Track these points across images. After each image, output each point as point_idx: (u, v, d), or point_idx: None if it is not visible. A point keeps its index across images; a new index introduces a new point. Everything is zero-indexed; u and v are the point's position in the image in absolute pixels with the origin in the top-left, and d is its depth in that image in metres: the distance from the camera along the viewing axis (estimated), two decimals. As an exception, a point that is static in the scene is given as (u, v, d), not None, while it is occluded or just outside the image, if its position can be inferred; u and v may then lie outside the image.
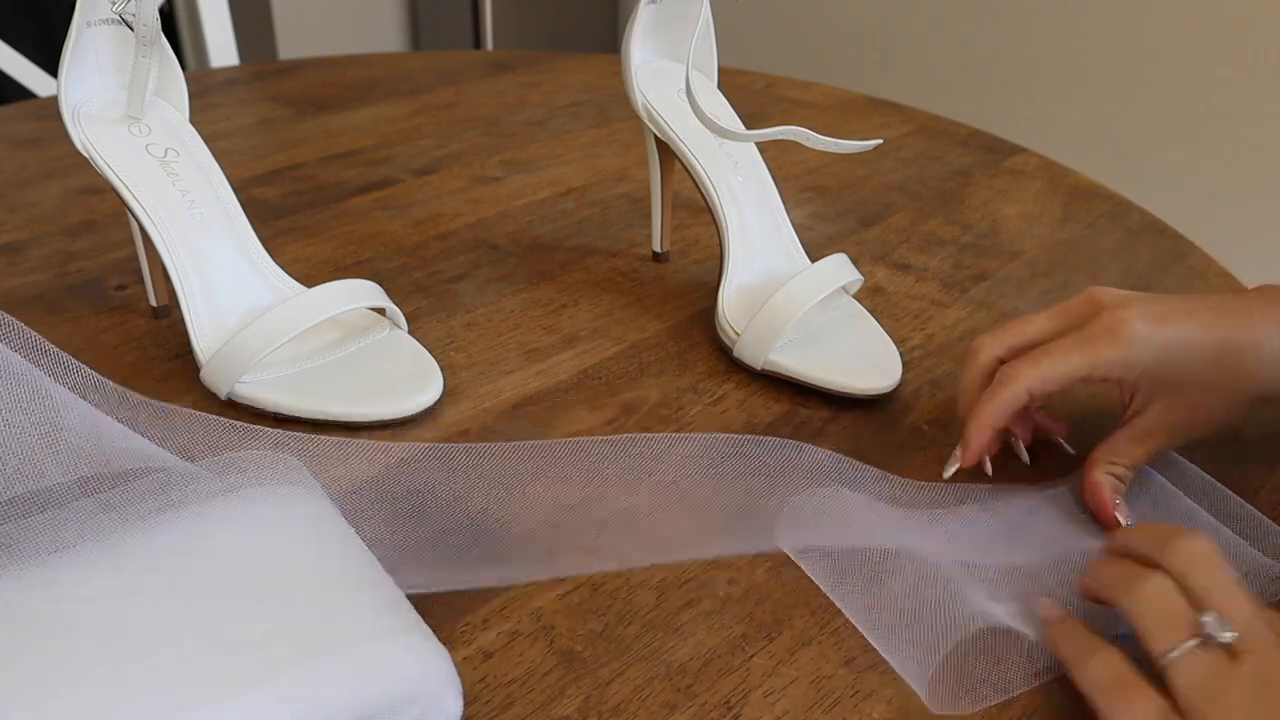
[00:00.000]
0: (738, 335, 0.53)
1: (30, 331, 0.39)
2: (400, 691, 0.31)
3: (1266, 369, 0.42)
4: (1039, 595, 0.39)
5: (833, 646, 0.38)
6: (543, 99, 0.96)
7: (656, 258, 0.66)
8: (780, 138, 0.49)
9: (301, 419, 0.48)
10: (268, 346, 0.47)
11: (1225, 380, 0.42)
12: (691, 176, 0.58)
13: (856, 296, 0.58)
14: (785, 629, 0.38)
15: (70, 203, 0.71)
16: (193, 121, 0.53)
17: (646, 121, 0.60)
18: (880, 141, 0.50)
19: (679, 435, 0.49)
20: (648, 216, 0.69)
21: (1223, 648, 0.32)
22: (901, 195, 0.77)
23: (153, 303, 0.57)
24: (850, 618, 0.39)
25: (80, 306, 0.58)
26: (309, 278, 0.54)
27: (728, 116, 0.60)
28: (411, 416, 0.48)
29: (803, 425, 0.50)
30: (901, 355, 0.53)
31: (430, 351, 0.52)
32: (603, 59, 1.08)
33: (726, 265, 0.56)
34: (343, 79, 1.00)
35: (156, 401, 0.45)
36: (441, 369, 0.51)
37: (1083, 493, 0.44)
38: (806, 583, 0.40)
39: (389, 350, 0.51)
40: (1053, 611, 0.37)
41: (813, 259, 0.56)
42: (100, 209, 0.70)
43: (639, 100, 0.59)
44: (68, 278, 0.62)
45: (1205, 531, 0.40)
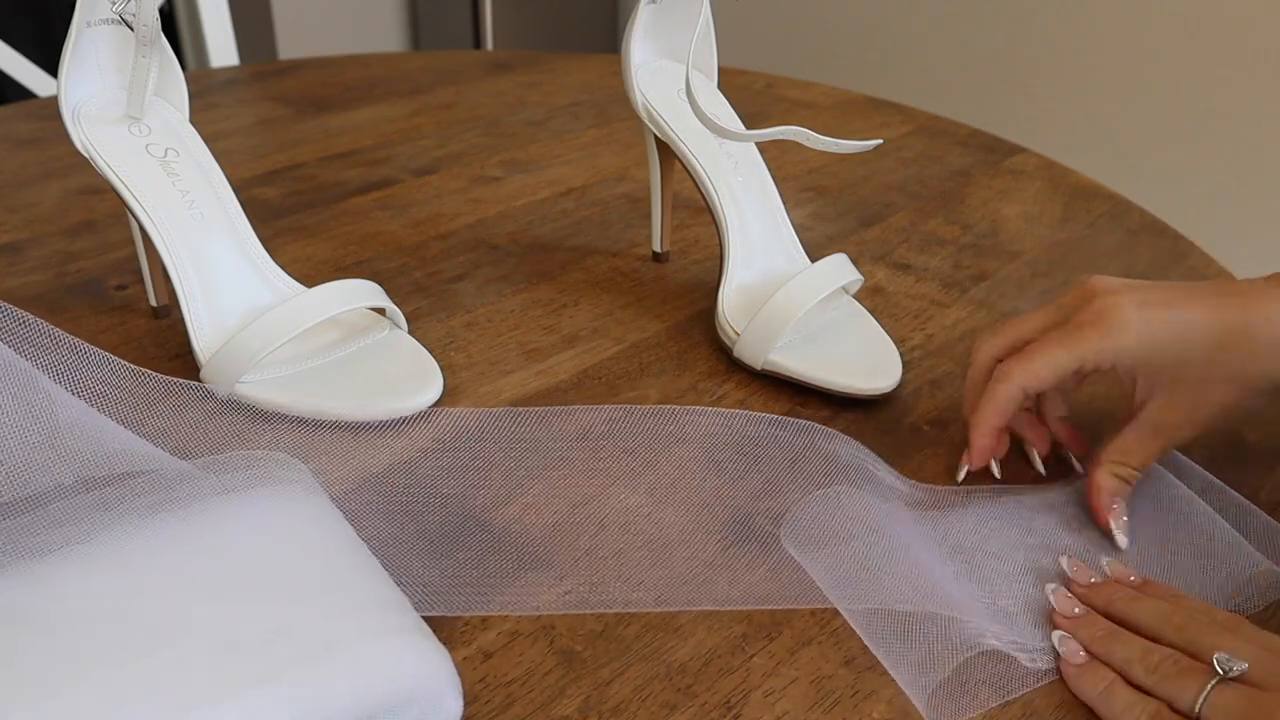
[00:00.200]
0: (738, 335, 0.53)
1: (38, 320, 0.40)
2: (400, 691, 0.31)
3: (1275, 353, 0.40)
4: (1057, 632, 0.38)
5: (833, 646, 0.38)
6: (543, 99, 0.96)
7: (656, 258, 0.66)
8: (780, 138, 0.49)
9: (302, 419, 0.48)
10: (268, 346, 0.47)
11: (1230, 366, 0.40)
12: (691, 176, 0.58)
13: (856, 296, 0.58)
14: (785, 629, 0.38)
15: (70, 203, 0.71)
16: (193, 121, 0.53)
17: (646, 121, 0.60)
18: (880, 141, 0.50)
19: (701, 409, 0.49)
20: (648, 216, 0.69)
21: (1239, 679, 0.33)
22: (901, 195, 0.77)
23: (153, 303, 0.57)
24: (850, 622, 0.39)
25: (80, 306, 0.58)
26: (309, 278, 0.54)
27: (728, 116, 0.60)
28: (411, 416, 0.48)
29: (803, 425, 0.50)
30: (901, 355, 0.53)
31: (430, 351, 0.52)
32: (603, 59, 1.08)
33: (726, 265, 0.56)
34: (343, 79, 1.00)
35: (166, 376, 0.46)
36: (441, 369, 0.51)
37: (1086, 491, 0.44)
38: (806, 583, 0.40)
39: (389, 350, 0.51)
40: (1076, 656, 0.36)
41: (813, 259, 0.56)
42: (100, 209, 0.70)
43: (639, 100, 0.59)
44: (68, 278, 0.62)
45: (1154, 587, 0.40)
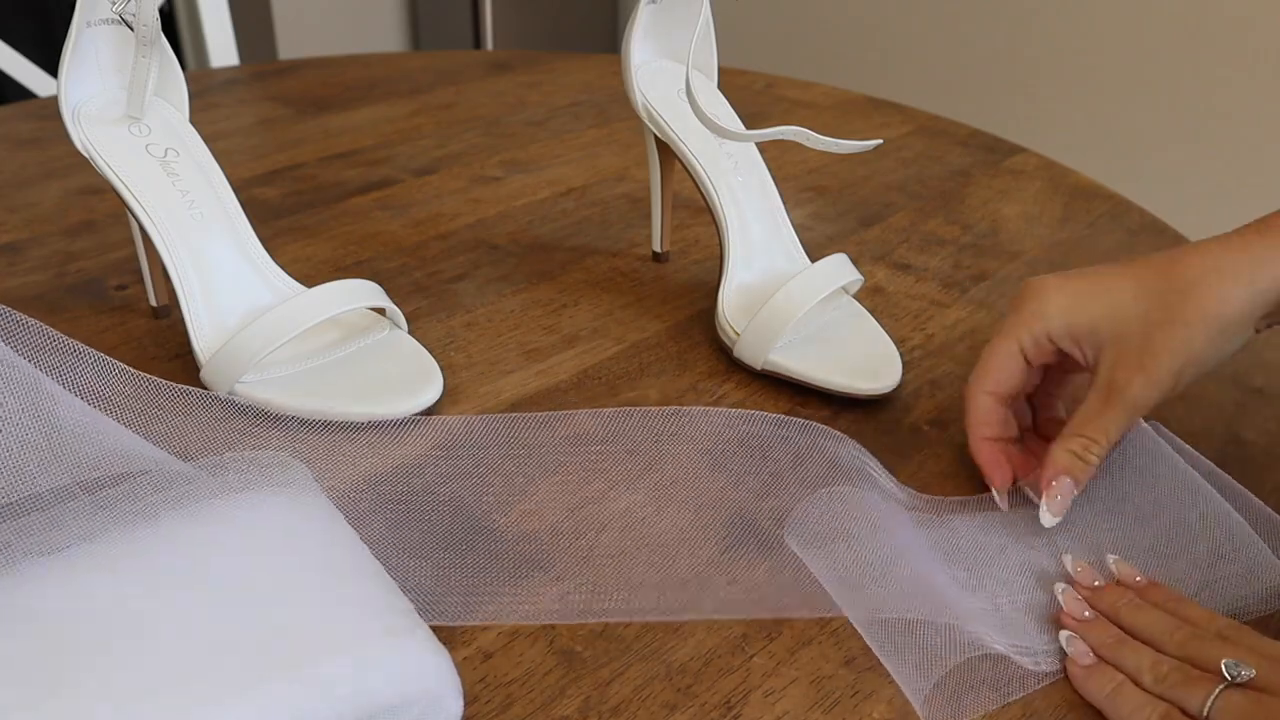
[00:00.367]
0: (738, 335, 0.53)
1: (36, 322, 0.40)
2: (400, 692, 0.31)
3: (1203, 287, 0.39)
4: (1064, 632, 0.38)
5: (833, 646, 0.38)
6: (543, 99, 0.96)
7: (656, 258, 0.66)
8: (780, 138, 0.49)
9: (301, 419, 0.48)
10: (268, 346, 0.47)
11: (1164, 306, 0.39)
12: (691, 176, 0.58)
13: (856, 296, 0.58)
14: (785, 629, 0.38)
15: (70, 203, 0.71)
16: (193, 121, 0.53)
17: (646, 121, 0.60)
18: (880, 141, 0.50)
19: (711, 409, 0.49)
20: (648, 216, 0.69)
21: (1246, 685, 0.33)
22: (901, 195, 0.77)
23: (153, 303, 0.57)
24: (850, 619, 0.39)
25: (80, 306, 0.58)
26: (309, 278, 0.54)
27: (728, 116, 0.60)
28: (411, 417, 0.48)
29: (803, 425, 0.50)
30: (901, 355, 0.53)
31: (430, 351, 0.52)
32: (603, 59, 1.08)
33: (726, 265, 0.56)
34: (343, 79, 1.00)
35: (166, 381, 0.46)
36: (441, 369, 0.51)
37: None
38: (806, 582, 0.40)
39: (389, 350, 0.51)
40: (1085, 657, 0.36)
41: (813, 259, 0.56)
42: (100, 209, 0.70)
43: (639, 100, 0.59)
44: (68, 278, 0.62)
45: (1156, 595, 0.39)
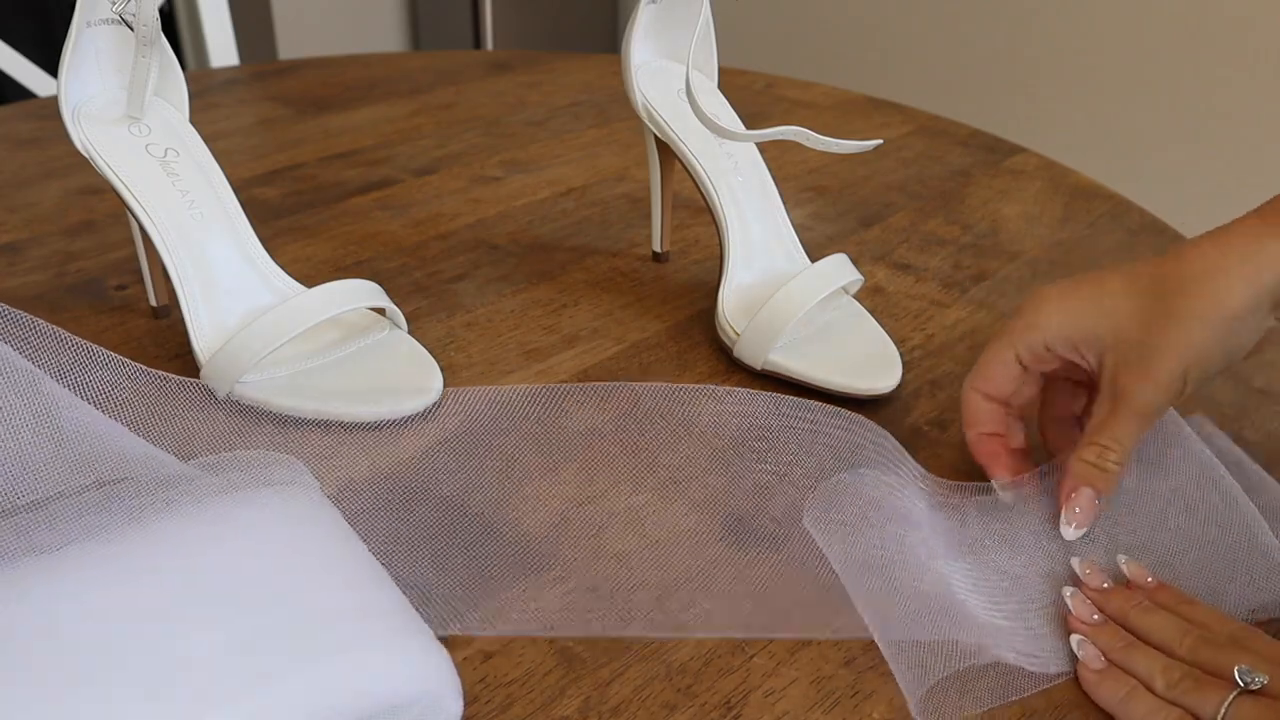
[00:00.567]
0: (738, 335, 0.53)
1: (36, 320, 0.40)
2: (400, 692, 0.31)
3: (1199, 285, 0.39)
4: (1075, 636, 0.38)
5: (833, 646, 0.38)
6: (543, 99, 0.96)
7: (656, 258, 0.66)
8: (780, 138, 0.49)
9: (301, 419, 0.48)
10: (268, 346, 0.47)
11: (1162, 306, 0.39)
12: (691, 176, 0.58)
13: (856, 296, 0.58)
14: (785, 629, 0.38)
15: (70, 203, 0.71)
16: (193, 121, 0.53)
17: (646, 121, 0.60)
18: (880, 141, 0.50)
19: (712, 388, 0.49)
20: (648, 216, 0.69)
21: (1258, 691, 0.33)
22: (901, 195, 0.77)
23: (153, 303, 0.57)
24: (857, 607, 0.39)
25: (80, 306, 0.58)
26: (309, 278, 0.54)
27: (728, 117, 0.60)
28: (411, 416, 0.48)
29: (803, 425, 0.50)
30: (901, 355, 0.53)
31: (430, 351, 0.52)
32: (603, 59, 1.08)
33: (726, 265, 0.56)
34: (343, 79, 1.00)
35: (167, 374, 0.46)
36: (441, 369, 0.51)
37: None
38: (807, 582, 0.40)
39: (389, 350, 0.51)
40: (1096, 661, 0.36)
41: (813, 259, 0.56)
42: (100, 209, 0.70)
43: (639, 100, 0.59)
44: (68, 278, 0.62)
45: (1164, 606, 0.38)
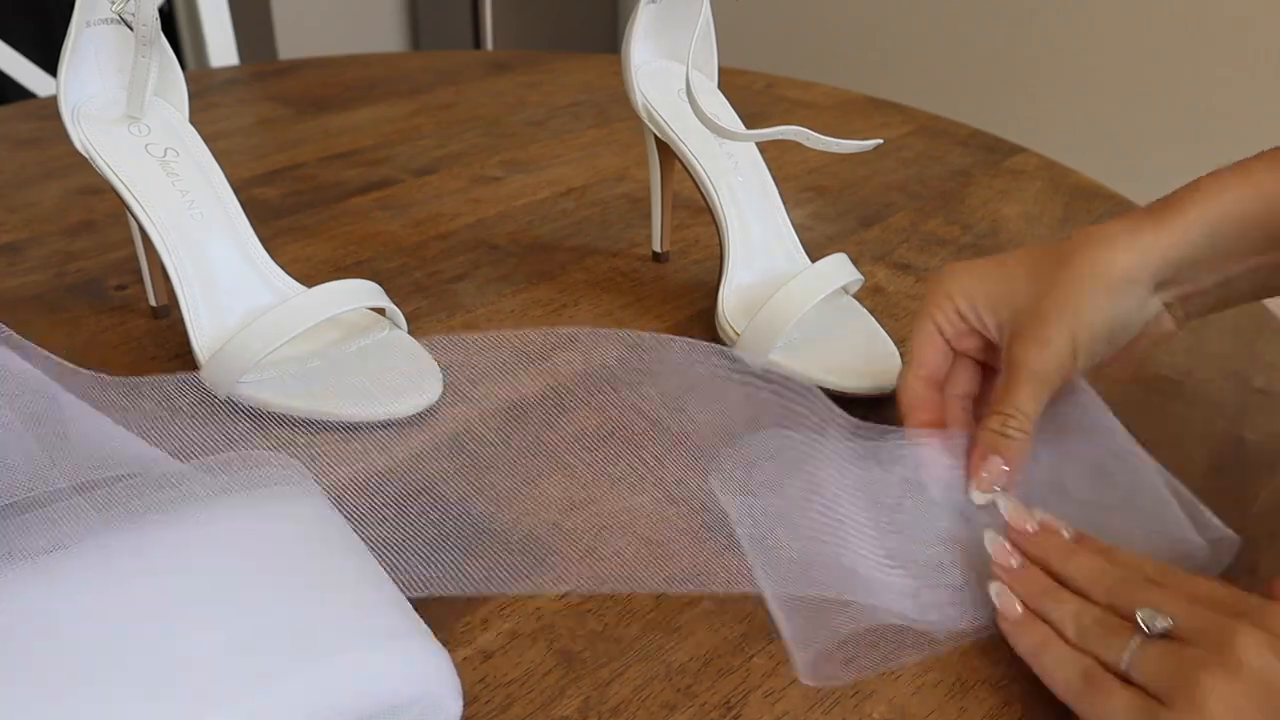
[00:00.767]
0: (738, 335, 0.53)
1: (15, 335, 0.39)
2: (399, 693, 0.31)
3: (1097, 253, 0.42)
4: (993, 584, 0.38)
5: (833, 646, 0.38)
6: (543, 99, 0.96)
7: (656, 258, 0.66)
8: (780, 137, 0.48)
9: (301, 419, 0.48)
10: (268, 346, 0.47)
11: (1055, 277, 0.42)
12: (691, 177, 0.58)
13: (856, 296, 0.58)
14: (785, 629, 0.38)
15: (70, 203, 0.71)
16: (193, 121, 0.53)
17: (646, 121, 0.60)
18: (880, 141, 0.50)
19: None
20: (648, 216, 0.69)
21: (1165, 634, 0.33)
22: (901, 195, 0.77)
23: (153, 303, 0.57)
24: (755, 572, 0.39)
25: (80, 306, 0.58)
26: (309, 278, 0.54)
27: (728, 117, 0.60)
28: (411, 416, 0.48)
29: (803, 425, 0.50)
30: (901, 355, 0.53)
31: (430, 352, 0.52)
32: (603, 59, 1.08)
33: (726, 265, 0.56)
34: (343, 79, 1.00)
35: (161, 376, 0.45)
36: (441, 369, 0.51)
37: None
38: (806, 582, 0.40)
39: (389, 350, 0.51)
40: (1013, 611, 0.37)
41: (813, 259, 0.56)
42: (100, 209, 0.70)
43: (639, 100, 0.59)
44: (67, 278, 0.62)
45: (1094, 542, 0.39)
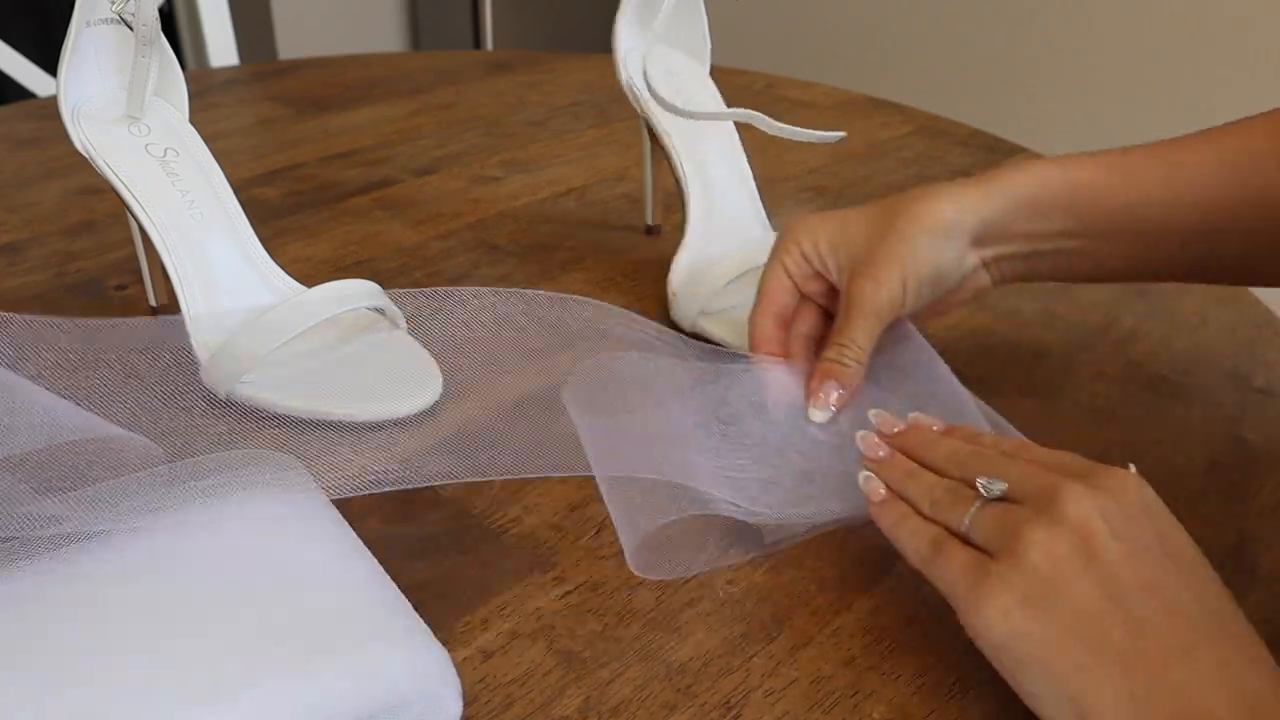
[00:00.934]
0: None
1: (32, 318, 0.39)
2: (399, 692, 0.31)
3: (923, 205, 0.46)
4: (862, 472, 0.40)
5: (833, 646, 0.38)
6: (543, 99, 0.96)
7: (649, 231, 0.68)
8: (737, 119, 0.50)
9: (301, 419, 0.48)
10: (268, 346, 0.47)
11: (886, 224, 0.46)
12: (666, 157, 0.60)
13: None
14: (785, 629, 0.38)
15: (70, 203, 0.71)
16: (193, 121, 0.53)
17: (633, 103, 0.62)
18: (843, 134, 0.50)
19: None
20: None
21: (1002, 499, 0.35)
22: (901, 195, 0.77)
23: (152, 303, 0.57)
24: (596, 477, 0.41)
25: (80, 306, 0.58)
26: (309, 278, 0.54)
27: (711, 97, 0.62)
28: (411, 416, 0.48)
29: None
30: None
31: (429, 351, 0.52)
32: (603, 59, 1.08)
33: (684, 238, 0.58)
34: (343, 79, 1.00)
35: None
36: (441, 369, 0.51)
37: None
38: (806, 583, 0.40)
39: (389, 350, 0.51)
40: (876, 493, 0.39)
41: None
42: (100, 209, 0.70)
43: (625, 82, 0.61)
44: (67, 278, 0.62)
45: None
